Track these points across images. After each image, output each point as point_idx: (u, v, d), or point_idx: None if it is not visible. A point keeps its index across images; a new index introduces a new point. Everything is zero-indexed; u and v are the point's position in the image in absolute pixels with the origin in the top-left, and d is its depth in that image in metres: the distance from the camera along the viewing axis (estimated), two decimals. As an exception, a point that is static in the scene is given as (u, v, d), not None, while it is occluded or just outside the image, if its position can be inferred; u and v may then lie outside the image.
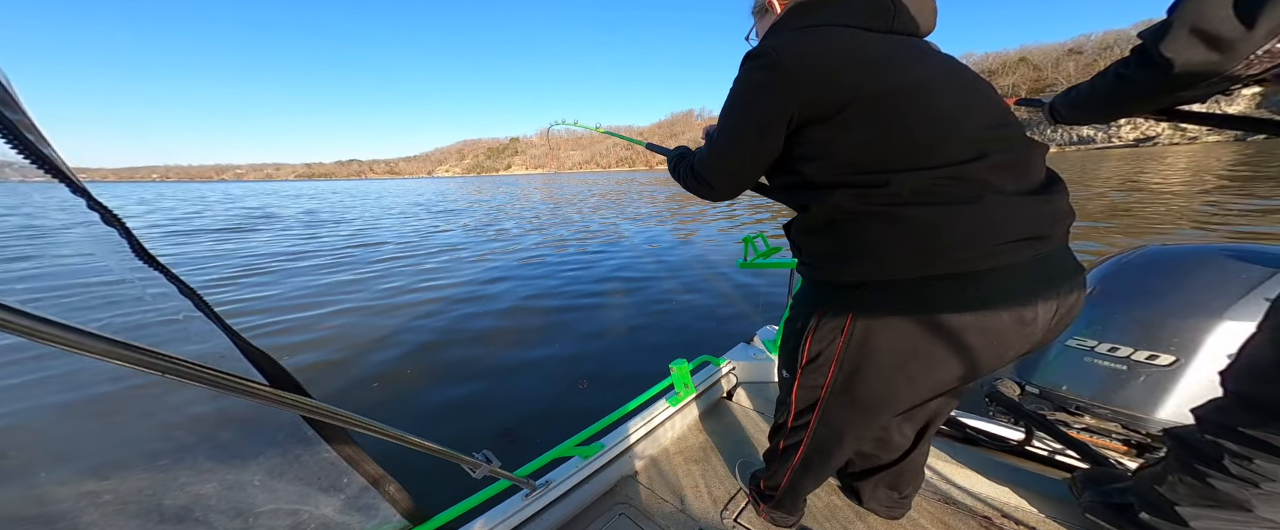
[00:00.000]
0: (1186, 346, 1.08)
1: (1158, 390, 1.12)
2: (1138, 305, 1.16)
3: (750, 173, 0.88)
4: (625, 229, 11.46)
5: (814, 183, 0.77)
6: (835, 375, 0.83)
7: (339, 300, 5.62)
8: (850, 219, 0.72)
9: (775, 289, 5.21)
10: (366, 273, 7.22)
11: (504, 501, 1.25)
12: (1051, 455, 1.38)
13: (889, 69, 0.72)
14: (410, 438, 0.83)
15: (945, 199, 0.68)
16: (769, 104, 0.76)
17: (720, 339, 3.90)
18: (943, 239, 0.67)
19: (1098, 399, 1.22)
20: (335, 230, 12.96)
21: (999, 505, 1.29)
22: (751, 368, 2.06)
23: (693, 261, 7.16)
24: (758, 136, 0.80)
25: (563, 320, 4.66)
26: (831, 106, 0.71)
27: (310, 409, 0.65)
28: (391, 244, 10.14)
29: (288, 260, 8.38)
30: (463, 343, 4.15)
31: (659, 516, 1.34)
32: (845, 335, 0.78)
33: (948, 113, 0.72)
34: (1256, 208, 9.16)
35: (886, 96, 0.71)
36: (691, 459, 1.60)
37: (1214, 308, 1.07)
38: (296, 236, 11.70)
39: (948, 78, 0.76)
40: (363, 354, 3.93)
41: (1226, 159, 31.25)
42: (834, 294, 0.79)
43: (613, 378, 3.34)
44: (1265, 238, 6.76)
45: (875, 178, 0.70)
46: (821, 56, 0.73)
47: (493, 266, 7.47)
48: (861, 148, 0.71)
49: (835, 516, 1.29)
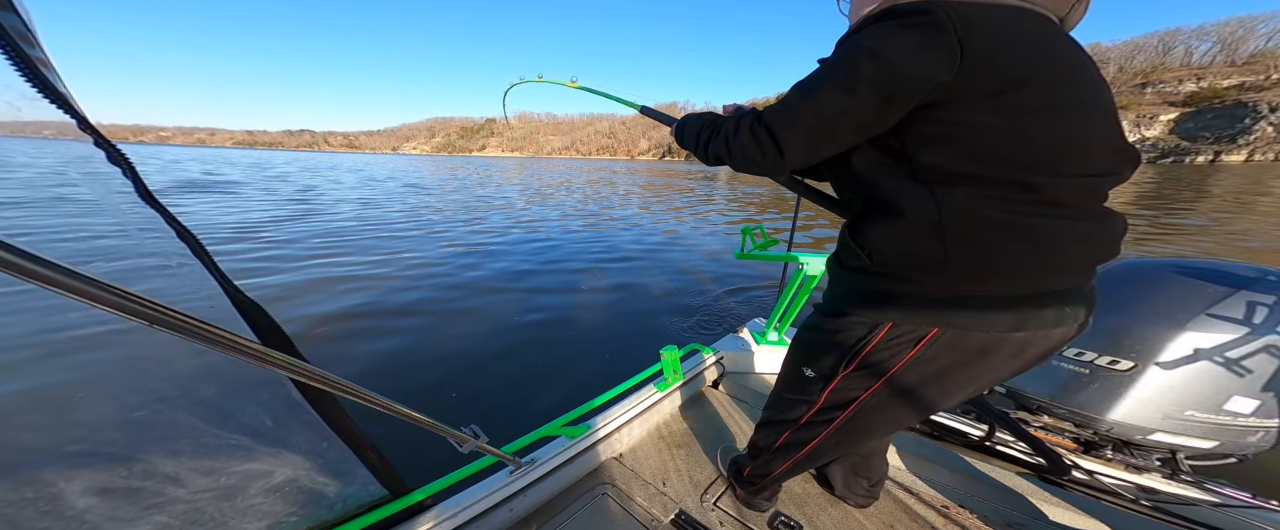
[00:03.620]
0: (1145, 353, 1.15)
1: (1112, 393, 1.20)
2: (1107, 314, 1.22)
3: (842, 141, 0.71)
4: (622, 214, 11.39)
5: (925, 173, 0.65)
6: (890, 382, 0.77)
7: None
8: (971, 224, 0.62)
9: (765, 279, 5.26)
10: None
11: (489, 477, 1.24)
12: (1008, 451, 1.46)
13: (1055, 53, 0.62)
14: (400, 408, 0.81)
15: (1076, 212, 0.63)
16: (915, 65, 0.60)
17: (708, 328, 3.95)
18: (1064, 257, 0.64)
19: (1057, 399, 1.30)
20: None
21: (957, 495, 1.38)
22: (739, 358, 2.08)
23: (685, 250, 7.17)
24: (883, 96, 0.63)
25: (541, 301, 4.63)
26: (994, 84, 0.59)
27: (300, 371, 0.61)
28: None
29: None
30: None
31: (640, 498, 1.35)
32: (921, 347, 0.71)
33: (1095, 114, 0.64)
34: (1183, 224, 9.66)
35: (1054, 83, 0.61)
36: (675, 443, 1.61)
37: (1177, 319, 1.13)
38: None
39: (1091, 67, 0.66)
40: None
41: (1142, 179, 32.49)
42: (918, 304, 0.70)
43: (606, 359, 3.34)
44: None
45: (1020, 176, 0.61)
46: (995, 24, 0.60)
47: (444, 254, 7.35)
48: (1011, 139, 0.60)
49: (808, 502, 1.33)
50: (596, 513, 1.30)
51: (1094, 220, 0.65)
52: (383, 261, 6.02)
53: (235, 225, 8.13)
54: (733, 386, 2.00)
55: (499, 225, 9.46)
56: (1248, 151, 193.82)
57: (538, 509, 1.30)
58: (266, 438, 0.81)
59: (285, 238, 7.23)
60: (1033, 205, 0.62)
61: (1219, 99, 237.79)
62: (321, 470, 0.93)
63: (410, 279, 5.27)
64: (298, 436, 0.86)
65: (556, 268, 5.95)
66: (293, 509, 0.91)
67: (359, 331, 3.74)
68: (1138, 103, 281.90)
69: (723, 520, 1.27)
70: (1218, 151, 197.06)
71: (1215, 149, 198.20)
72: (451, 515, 1.12)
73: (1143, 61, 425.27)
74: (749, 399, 1.90)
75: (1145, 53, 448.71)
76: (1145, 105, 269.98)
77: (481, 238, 7.95)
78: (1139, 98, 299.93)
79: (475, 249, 6.99)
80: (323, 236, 7.49)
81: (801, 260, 1.72)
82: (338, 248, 6.71)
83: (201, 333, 0.48)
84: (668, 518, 1.27)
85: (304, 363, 0.60)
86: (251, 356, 0.55)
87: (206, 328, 0.49)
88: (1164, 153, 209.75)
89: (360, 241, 7.24)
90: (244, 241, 6.81)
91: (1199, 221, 10.30)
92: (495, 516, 1.20)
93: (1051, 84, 0.61)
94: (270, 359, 0.57)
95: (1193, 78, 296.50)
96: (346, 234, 7.81)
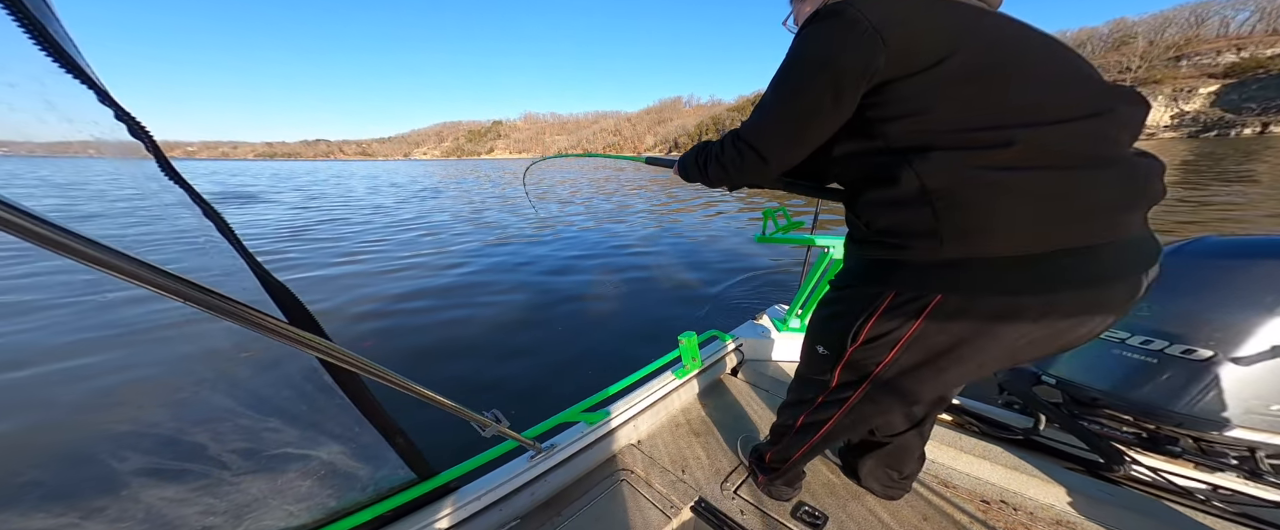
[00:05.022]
0: (1225, 342, 1.03)
1: (1185, 385, 1.08)
2: (1182, 297, 1.10)
3: (813, 140, 0.78)
4: (634, 205, 11.42)
5: (899, 147, 0.68)
6: (898, 355, 0.77)
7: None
8: (955, 185, 0.63)
9: (786, 265, 5.20)
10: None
11: (510, 462, 1.27)
12: (1056, 446, 1.39)
13: (980, 25, 0.67)
14: (425, 391, 0.83)
15: (1072, 160, 0.61)
16: (847, 56, 0.67)
17: (727, 314, 3.93)
18: (1069, 207, 0.61)
19: (1118, 391, 1.20)
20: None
21: (999, 490, 1.31)
22: (758, 345, 2.06)
23: (699, 240, 7.14)
24: (831, 96, 0.71)
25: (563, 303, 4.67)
26: (928, 55, 0.64)
27: (328, 352, 0.64)
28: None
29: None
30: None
31: (659, 484, 1.35)
32: (924, 317, 0.71)
33: (1054, 63, 0.66)
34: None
35: (997, 43, 0.65)
36: (694, 431, 1.61)
37: (1266, 304, 1.00)
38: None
39: (1036, 32, 0.70)
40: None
41: (1180, 151, 31.28)
42: (917, 272, 0.70)
43: (619, 349, 3.36)
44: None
45: (992, 135, 0.62)
46: (907, 10, 0.66)
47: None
48: (973, 101, 0.63)
49: (834, 493, 1.30)
50: (616, 498, 1.31)
51: (1101, 166, 0.62)
52: (406, 256, 6.22)
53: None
54: (752, 374, 1.98)
55: (509, 221, 9.61)
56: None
57: (558, 494, 1.32)
58: (301, 422, 0.85)
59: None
60: (1013, 159, 0.61)
61: (1264, 68, 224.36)
62: (354, 454, 0.97)
63: (433, 271, 5.42)
64: (331, 421, 0.90)
65: (573, 260, 6.01)
66: (329, 491, 0.95)
67: (386, 327, 3.86)
68: (1173, 76, 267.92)
69: (743, 509, 1.26)
70: (1266, 123, 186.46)
71: (1263, 121, 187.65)
72: (475, 498, 1.15)
73: (1174, 34, 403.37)
74: (769, 387, 1.88)
75: (1176, 26, 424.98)
76: (1182, 79, 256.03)
77: (494, 234, 8.08)
78: (1174, 71, 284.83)
79: (488, 245, 7.10)
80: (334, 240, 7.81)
81: (826, 244, 1.68)
82: (360, 248, 6.98)
83: (233, 311, 0.51)
84: (687, 505, 1.27)
85: (331, 343, 0.62)
86: (282, 336, 0.57)
87: (239, 307, 0.51)
88: (1206, 126, 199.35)
89: (378, 241, 7.50)
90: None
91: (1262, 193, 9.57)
92: (517, 500, 1.23)
93: (981, 50, 0.65)
94: (299, 339, 0.59)
95: (1233, 48, 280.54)
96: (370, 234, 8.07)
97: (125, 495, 0.70)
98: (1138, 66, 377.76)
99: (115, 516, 0.69)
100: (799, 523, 1.20)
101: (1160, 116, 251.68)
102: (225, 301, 0.49)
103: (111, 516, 0.69)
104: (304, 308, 0.67)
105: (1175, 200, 9.75)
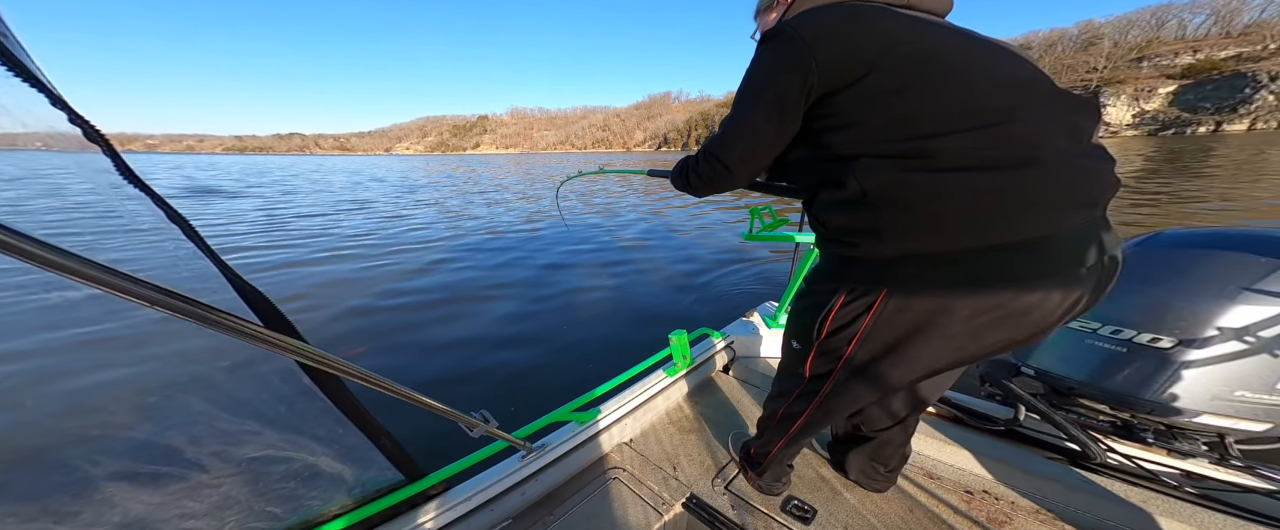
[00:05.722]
0: (1189, 330, 1.06)
1: (1154, 373, 1.11)
2: (1148, 287, 1.13)
3: (768, 150, 0.86)
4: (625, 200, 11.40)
5: (841, 154, 0.74)
6: (856, 348, 0.82)
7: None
8: (889, 190, 0.68)
9: (775, 263, 5.25)
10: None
11: (500, 462, 1.25)
12: (1036, 436, 1.42)
13: (909, 34, 0.71)
14: (409, 392, 0.81)
15: (995, 161, 0.64)
16: (786, 76, 0.75)
17: (718, 312, 3.95)
18: (996, 204, 0.63)
19: (1091, 381, 1.22)
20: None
21: (982, 481, 1.34)
22: (749, 342, 2.07)
23: (689, 236, 7.14)
24: (777, 112, 0.79)
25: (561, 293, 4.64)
26: (853, 72, 0.70)
27: (305, 354, 0.62)
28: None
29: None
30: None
31: (652, 482, 1.35)
32: (874, 311, 0.75)
33: (980, 70, 0.69)
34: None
35: (911, 58, 0.69)
36: (685, 428, 1.62)
37: (1226, 293, 1.04)
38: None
39: (970, 41, 0.74)
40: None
41: (1143, 148, 32.66)
42: (866, 269, 0.76)
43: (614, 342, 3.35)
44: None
45: (915, 144, 0.66)
46: (836, 25, 0.73)
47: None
48: (893, 113, 0.68)
49: (822, 487, 1.32)
50: (607, 497, 1.30)
51: (1032, 165, 0.64)
52: (385, 254, 6.10)
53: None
54: (743, 371, 1.99)
55: (496, 216, 9.55)
56: (1249, 120, 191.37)
57: (549, 494, 1.31)
58: (280, 424, 0.82)
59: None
60: (942, 162, 0.65)
61: (1217, 70, 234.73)
62: (339, 455, 0.95)
63: (416, 270, 5.33)
64: (313, 423, 0.88)
65: (562, 257, 5.97)
66: (314, 493, 0.93)
67: (366, 327, 3.78)
68: (1136, 77, 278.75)
69: (734, 504, 1.27)
70: (1219, 122, 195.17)
71: (1217, 119, 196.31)
72: (465, 499, 1.13)
73: (1137, 36, 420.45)
74: (759, 383, 1.89)
75: (1138, 28, 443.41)
76: (1143, 79, 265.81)
77: (482, 229, 8.00)
78: (1136, 72, 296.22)
79: (477, 240, 7.03)
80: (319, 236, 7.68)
81: (809, 241, 1.69)
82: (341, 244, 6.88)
83: (205, 316, 0.48)
84: (679, 501, 1.28)
85: (308, 345, 0.60)
86: (257, 340, 0.55)
87: (210, 312, 0.49)
88: (1164, 124, 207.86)
89: (365, 239, 7.37)
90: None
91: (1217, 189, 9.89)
92: (507, 500, 1.21)
93: (908, 61, 0.69)
94: (275, 342, 0.57)
95: (1189, 50, 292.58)
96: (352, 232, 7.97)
97: (100, 499, 0.67)
98: (1104, 67, 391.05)
99: (90, 520, 0.67)
100: (789, 516, 1.21)
101: (1123, 116, 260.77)
102: (197, 306, 0.47)
103: (86, 520, 0.67)
104: (278, 311, 0.64)
105: (1149, 193, 10.11)
